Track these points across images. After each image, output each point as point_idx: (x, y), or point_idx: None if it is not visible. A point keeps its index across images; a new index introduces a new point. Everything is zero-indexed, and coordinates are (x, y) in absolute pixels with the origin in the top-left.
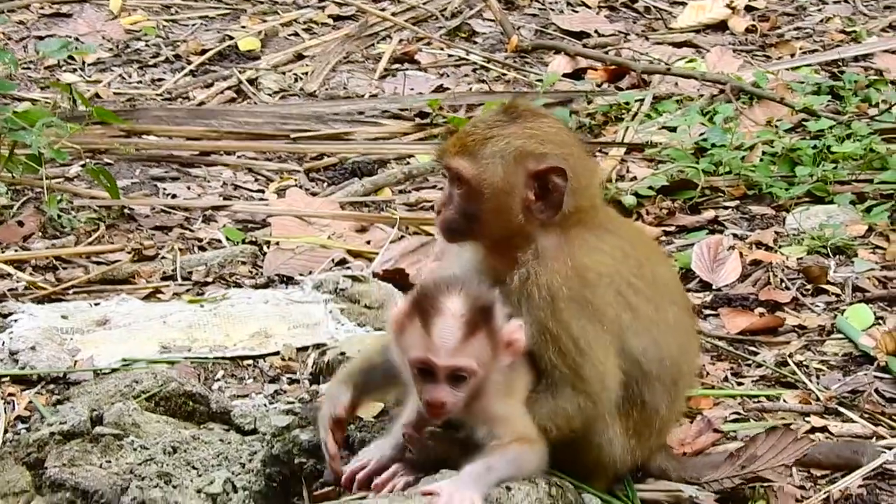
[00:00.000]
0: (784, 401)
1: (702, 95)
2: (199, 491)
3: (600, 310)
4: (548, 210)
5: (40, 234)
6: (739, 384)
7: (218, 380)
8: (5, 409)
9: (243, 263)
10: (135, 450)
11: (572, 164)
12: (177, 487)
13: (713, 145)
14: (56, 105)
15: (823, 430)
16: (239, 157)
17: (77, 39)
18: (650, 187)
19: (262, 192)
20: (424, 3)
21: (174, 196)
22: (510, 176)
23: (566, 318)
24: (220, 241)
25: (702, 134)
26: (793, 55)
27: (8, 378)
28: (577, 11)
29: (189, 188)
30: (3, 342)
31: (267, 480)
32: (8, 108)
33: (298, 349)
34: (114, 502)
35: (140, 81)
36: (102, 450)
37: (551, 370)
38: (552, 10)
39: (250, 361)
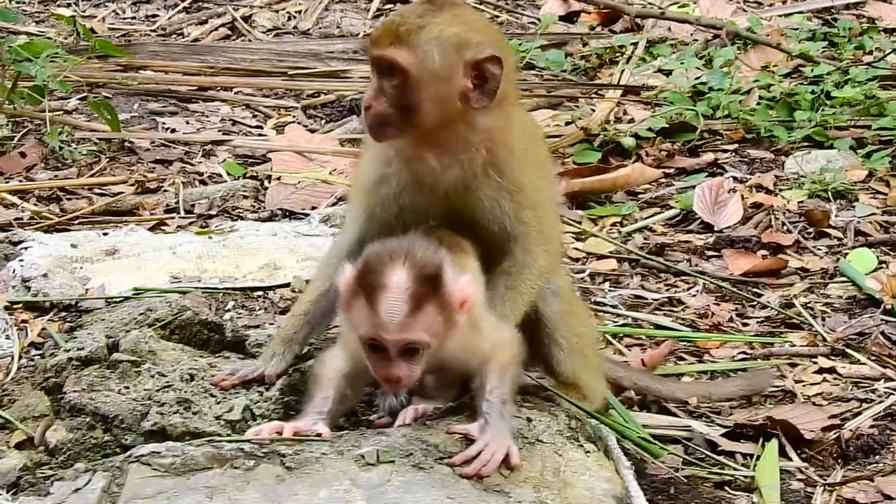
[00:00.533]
0: (791, 343)
1: (696, 40)
2: (217, 417)
3: (546, 168)
4: (484, 98)
5: (42, 165)
6: (745, 325)
7: (229, 310)
8: (19, 335)
9: (245, 197)
10: (152, 376)
11: (503, 52)
12: (196, 414)
13: (710, 89)
14: (56, 37)
15: (831, 371)
16: (236, 93)
17: None
18: (650, 129)
19: (261, 128)
20: None
21: (173, 130)
22: (449, 64)
23: (531, 175)
24: (220, 175)
25: (698, 78)
26: (784, 2)
27: (21, 305)
28: None
29: (188, 123)
30: (15, 270)
31: (285, 409)
32: (10, 40)
33: (308, 281)
34: (134, 427)
35: (134, 17)
36: (120, 376)
37: (522, 235)
38: None
39: (260, 293)
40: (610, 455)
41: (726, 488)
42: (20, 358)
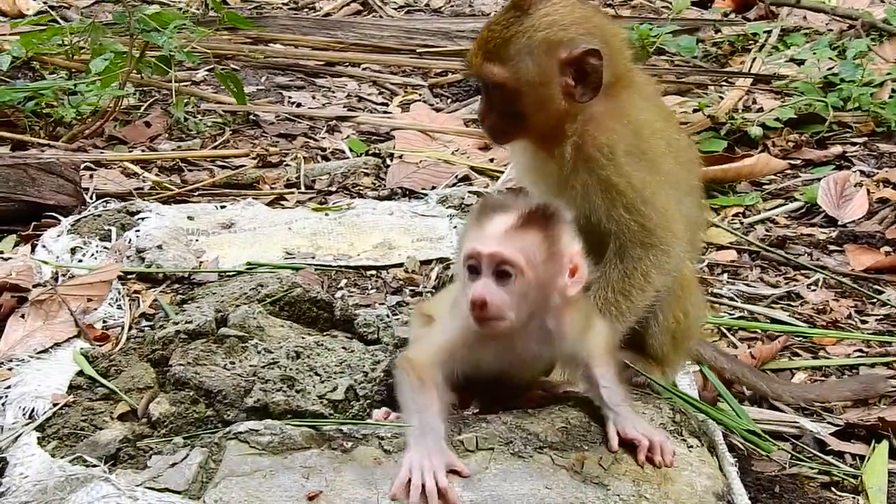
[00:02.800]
0: None
1: (830, 30)
2: (321, 397)
3: (656, 162)
4: (588, 91)
5: (166, 135)
6: (863, 322)
7: (341, 288)
8: (130, 305)
9: (366, 175)
10: (259, 353)
11: (601, 39)
12: (300, 392)
13: (842, 80)
14: (186, 8)
15: None
16: (364, 69)
17: None
18: (777, 119)
19: (387, 105)
20: None
21: (299, 105)
22: (543, 68)
23: (628, 170)
24: (343, 151)
25: (830, 69)
26: None
27: (134, 276)
28: None
29: (314, 97)
30: (130, 240)
31: (388, 390)
32: (141, 9)
33: (422, 262)
34: (237, 403)
35: None
36: (227, 351)
37: (618, 233)
38: None
39: (373, 272)
40: (714, 451)
41: (832, 489)
42: (130, 329)
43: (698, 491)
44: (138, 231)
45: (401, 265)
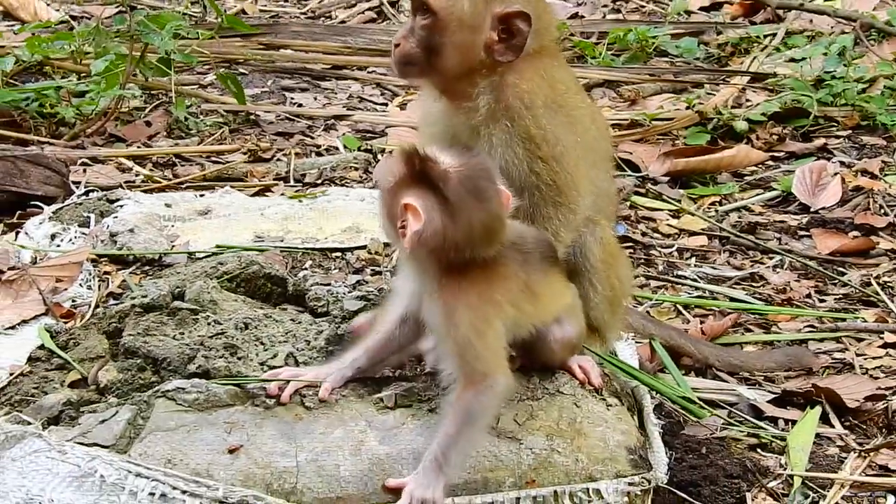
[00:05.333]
0: (862, 319)
1: (832, 32)
2: (262, 363)
3: (573, 121)
4: (509, 52)
5: (165, 134)
6: (821, 301)
7: (305, 269)
8: (100, 286)
9: (355, 169)
10: (208, 324)
11: (534, 10)
12: (241, 359)
13: (833, 77)
14: (185, 10)
15: (895, 346)
16: (370, 72)
17: None
18: (763, 114)
19: (386, 105)
20: None
21: (300, 105)
22: (477, 13)
23: (545, 123)
24: (337, 148)
25: (826, 69)
26: None
27: (106, 258)
28: None
29: (316, 98)
30: (107, 225)
31: (327, 356)
32: (140, 13)
33: (385, 244)
34: (180, 369)
35: (286, 0)
36: (178, 323)
37: (532, 190)
38: None
39: (338, 254)
40: (633, 410)
41: (758, 450)
42: (97, 307)
43: (610, 445)
44: (115, 216)
45: (365, 247)
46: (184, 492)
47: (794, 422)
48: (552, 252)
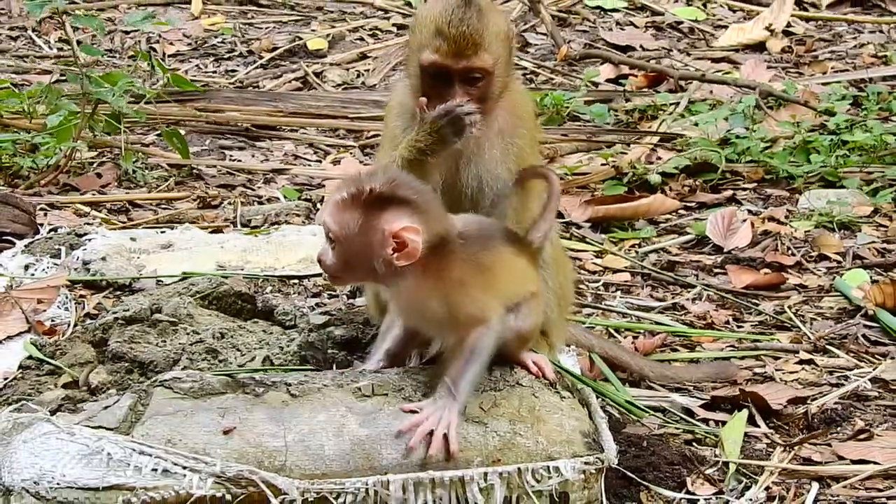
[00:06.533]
0: (778, 340)
1: (732, 101)
2: (240, 366)
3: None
4: (512, 64)
5: (115, 185)
6: (739, 327)
7: (266, 293)
8: (76, 308)
9: (297, 216)
10: (188, 334)
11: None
12: (222, 362)
13: (737, 137)
14: (134, 69)
15: (810, 362)
16: (302, 132)
17: (160, 36)
18: (675, 167)
19: (320, 162)
20: None
21: (239, 161)
22: (507, 50)
23: (533, 142)
24: (277, 198)
25: (729, 130)
26: (824, 73)
27: (80, 284)
28: (624, 29)
29: (253, 156)
30: (78, 256)
31: (301, 362)
32: (90, 71)
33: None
34: (166, 371)
35: (215, 72)
36: (159, 332)
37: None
38: (602, 27)
39: (296, 280)
40: (584, 403)
41: (694, 444)
42: (75, 325)
43: (567, 430)
44: (85, 248)
45: (320, 275)
46: (184, 467)
47: (724, 422)
48: (516, 239)
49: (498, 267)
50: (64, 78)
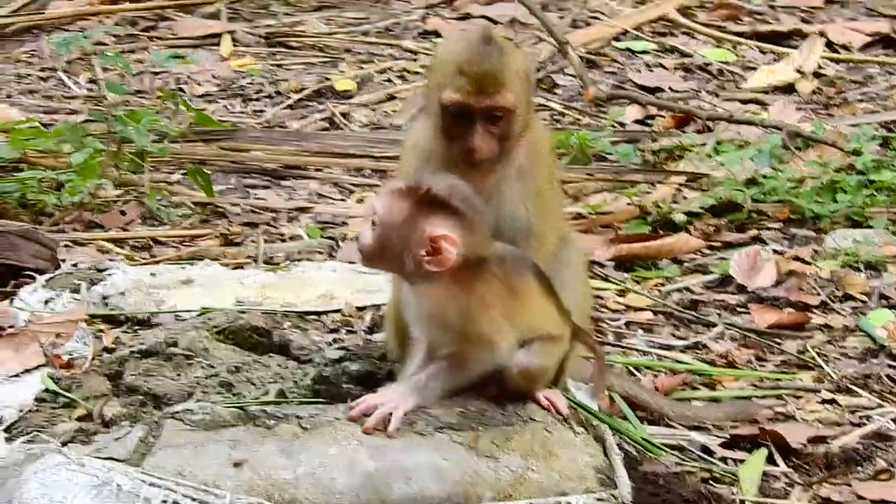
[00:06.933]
0: (800, 379)
1: (760, 142)
2: (255, 398)
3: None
4: (532, 103)
5: (139, 222)
6: (762, 366)
7: (284, 328)
8: (94, 342)
9: (320, 253)
10: (202, 367)
11: None
12: (236, 395)
13: (764, 176)
14: (159, 109)
15: (832, 402)
16: (327, 172)
17: (189, 77)
18: (700, 207)
19: (344, 200)
20: None
21: (264, 199)
22: (527, 88)
23: (551, 180)
24: (301, 236)
25: (756, 170)
26: (854, 114)
27: (99, 318)
28: (653, 71)
29: (278, 195)
30: (97, 291)
31: (315, 396)
32: (115, 111)
33: (358, 308)
34: (180, 403)
35: (242, 112)
36: (174, 366)
37: (532, 228)
38: (630, 69)
39: (314, 316)
40: (599, 439)
41: (711, 483)
42: (93, 359)
43: (580, 465)
44: (105, 283)
45: (339, 311)
46: (194, 500)
47: (742, 461)
48: (546, 281)
49: (524, 297)
50: (93, 119)
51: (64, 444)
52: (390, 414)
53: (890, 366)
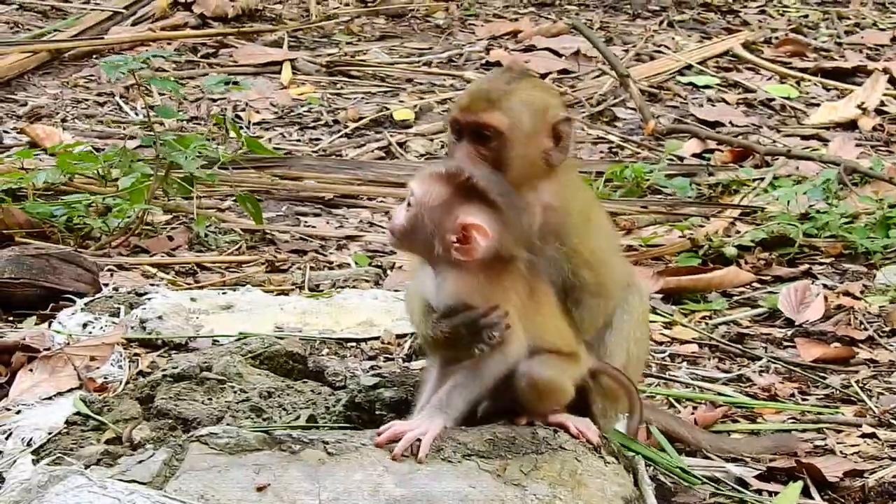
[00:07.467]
0: (841, 414)
1: (817, 177)
2: (285, 424)
3: (608, 225)
4: (559, 156)
5: (186, 247)
6: (804, 400)
7: (322, 356)
8: (129, 366)
9: (366, 281)
10: (234, 392)
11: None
12: (266, 420)
13: (818, 211)
14: (209, 136)
15: (872, 436)
16: (380, 201)
17: (247, 104)
18: (752, 240)
19: None
20: (574, 91)
21: (313, 227)
22: (536, 124)
23: (584, 236)
24: (348, 264)
25: (811, 205)
26: None
27: (136, 342)
28: (715, 105)
29: (328, 223)
30: (136, 315)
31: (346, 421)
32: (166, 134)
33: (398, 335)
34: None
35: (299, 140)
36: (206, 391)
37: (576, 288)
38: (692, 103)
39: (354, 343)
40: (630, 470)
41: None
42: (128, 383)
43: (608, 495)
44: (144, 308)
45: (378, 338)
46: None
47: (777, 493)
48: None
49: (544, 303)
50: (144, 144)
51: (88, 466)
52: (419, 440)
53: None
